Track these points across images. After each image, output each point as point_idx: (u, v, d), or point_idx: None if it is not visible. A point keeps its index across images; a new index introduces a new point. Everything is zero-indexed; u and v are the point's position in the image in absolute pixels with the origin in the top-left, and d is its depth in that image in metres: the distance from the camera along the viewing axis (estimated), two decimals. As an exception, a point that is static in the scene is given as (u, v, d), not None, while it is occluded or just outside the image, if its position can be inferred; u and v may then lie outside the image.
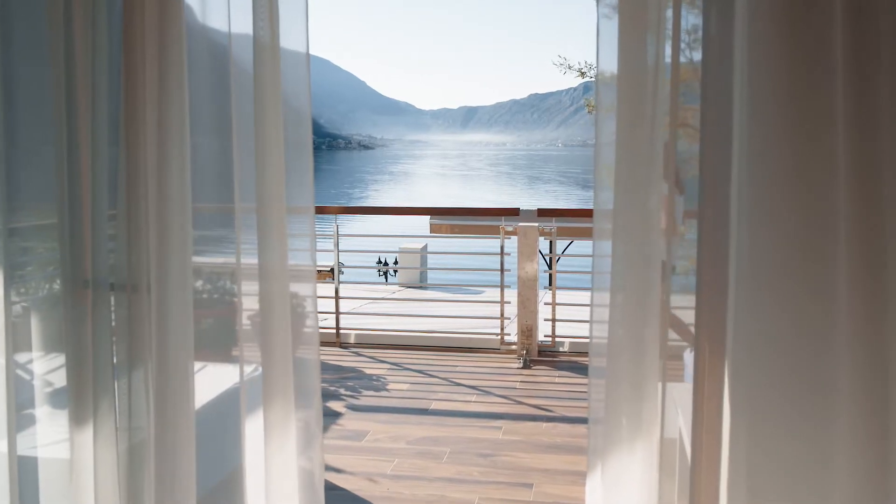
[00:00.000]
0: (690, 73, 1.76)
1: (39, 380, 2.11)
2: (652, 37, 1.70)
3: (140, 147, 1.80)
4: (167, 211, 1.83)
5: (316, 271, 2.06)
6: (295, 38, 1.78)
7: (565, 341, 6.27)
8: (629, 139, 1.67)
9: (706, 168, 1.65)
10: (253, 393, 2.00)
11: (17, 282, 2.13)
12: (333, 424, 4.57)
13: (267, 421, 1.93)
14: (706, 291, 1.70)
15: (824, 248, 1.53)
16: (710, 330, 1.72)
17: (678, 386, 1.95)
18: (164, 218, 1.84)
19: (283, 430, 1.94)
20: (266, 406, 1.93)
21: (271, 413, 1.94)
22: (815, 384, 1.59)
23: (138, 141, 1.79)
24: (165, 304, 1.86)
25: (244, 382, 2.00)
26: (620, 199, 1.71)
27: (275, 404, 1.95)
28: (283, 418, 1.95)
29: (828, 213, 1.52)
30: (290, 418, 1.96)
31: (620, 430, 1.86)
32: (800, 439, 1.61)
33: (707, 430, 1.77)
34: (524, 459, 4.02)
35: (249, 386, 1.96)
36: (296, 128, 1.83)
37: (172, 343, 1.87)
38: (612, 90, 1.74)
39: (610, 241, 1.76)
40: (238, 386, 2.02)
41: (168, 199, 1.82)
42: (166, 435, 1.86)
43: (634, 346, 1.80)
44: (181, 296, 1.87)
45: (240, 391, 1.95)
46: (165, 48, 1.76)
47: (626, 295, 1.79)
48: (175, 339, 1.87)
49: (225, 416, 2.03)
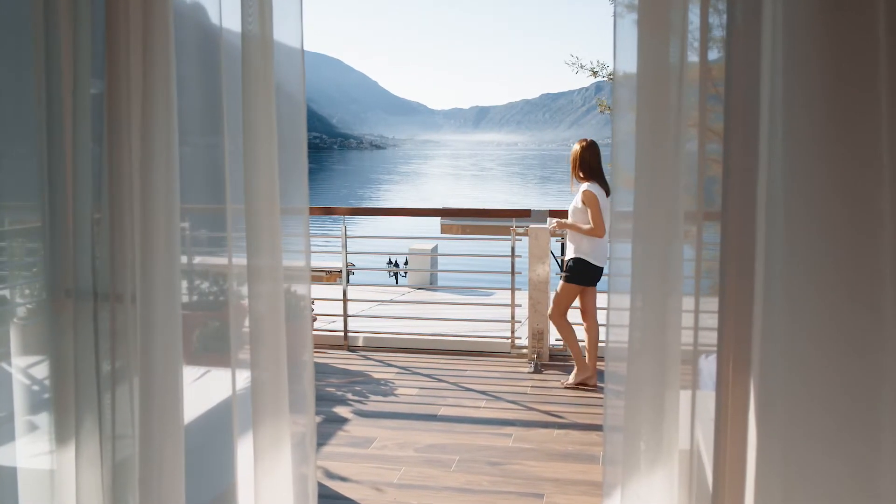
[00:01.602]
0: (714, 70, 1.65)
1: (23, 389, 2.01)
2: (675, 32, 1.59)
3: (124, 145, 1.68)
4: (151, 213, 1.71)
5: (310, 272, 1.95)
6: (288, 29, 1.67)
7: (577, 345, 6.15)
8: (650, 139, 1.57)
9: (730, 168, 1.54)
10: (247, 403, 1.90)
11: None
12: (340, 430, 4.48)
13: (258, 434, 1.82)
14: (730, 295, 1.59)
15: (868, 255, 1.41)
16: (735, 336, 1.62)
17: (697, 394, 1.85)
18: (148, 221, 1.72)
19: (275, 445, 1.83)
20: (256, 418, 1.82)
21: (262, 426, 1.83)
22: (860, 398, 1.46)
23: (122, 139, 1.67)
24: (151, 315, 1.74)
25: (239, 392, 1.89)
26: (641, 200, 1.60)
27: (267, 414, 1.85)
28: (276, 432, 1.85)
29: (871, 219, 1.40)
30: (283, 430, 1.85)
31: (639, 439, 1.77)
32: (842, 459, 1.49)
33: (732, 443, 1.66)
34: (535, 468, 3.92)
35: (243, 397, 1.85)
36: (290, 125, 1.72)
37: (159, 356, 1.76)
38: (630, 88, 1.65)
39: (629, 243, 1.66)
40: (235, 394, 1.92)
41: (152, 201, 1.70)
42: (152, 453, 1.75)
43: (655, 351, 1.71)
44: (168, 305, 1.75)
45: (233, 402, 1.84)
46: (150, 38, 1.64)
47: (645, 298, 1.69)
48: (162, 352, 1.76)
49: (217, 430, 1.92)
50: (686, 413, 1.78)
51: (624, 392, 1.78)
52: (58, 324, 1.80)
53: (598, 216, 5.13)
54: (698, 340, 1.69)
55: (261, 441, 1.84)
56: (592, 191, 5.18)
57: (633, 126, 1.62)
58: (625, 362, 1.77)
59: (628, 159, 1.63)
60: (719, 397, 1.67)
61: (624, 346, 1.77)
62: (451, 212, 5.57)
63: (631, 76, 1.65)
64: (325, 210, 7.77)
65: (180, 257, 1.75)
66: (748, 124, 1.51)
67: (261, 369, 1.88)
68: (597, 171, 5.28)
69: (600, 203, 5.15)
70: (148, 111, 1.63)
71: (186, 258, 2.51)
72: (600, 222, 5.13)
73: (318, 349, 6.28)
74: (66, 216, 1.77)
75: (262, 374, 1.88)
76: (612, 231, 1.73)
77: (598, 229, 5.13)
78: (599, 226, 5.13)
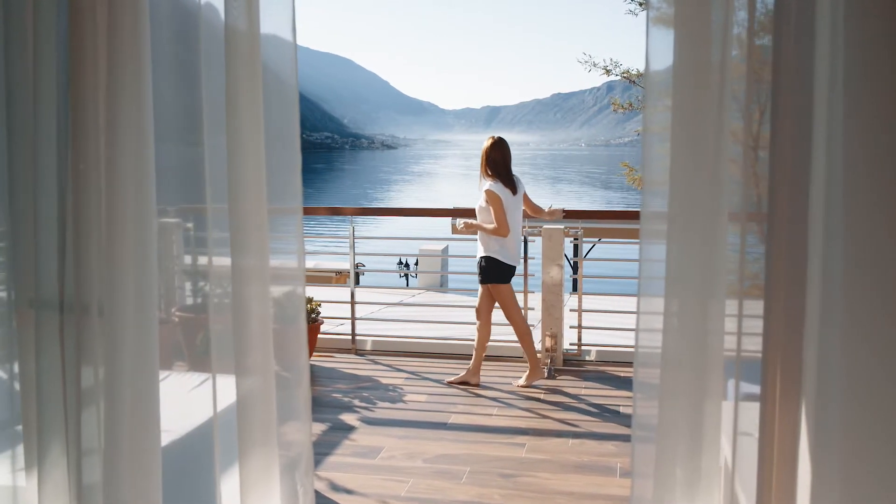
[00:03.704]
0: (755, 59, 1.48)
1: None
2: (718, 22, 1.42)
3: (90, 138, 1.49)
4: (118, 216, 1.52)
5: (305, 273, 1.77)
6: (277, 10, 1.48)
7: (592, 350, 5.97)
8: (687, 136, 1.39)
9: (778, 166, 1.36)
10: (232, 421, 1.73)
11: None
12: (346, 439, 4.32)
13: (244, 458, 1.64)
14: (777, 303, 1.43)
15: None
16: (784, 346, 1.46)
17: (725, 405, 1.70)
18: (115, 224, 1.53)
19: (264, 471, 1.66)
20: (242, 435, 1.64)
21: (250, 446, 1.65)
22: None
23: (87, 132, 1.49)
24: (118, 328, 1.55)
25: (228, 408, 1.72)
26: (677, 200, 1.43)
27: (253, 427, 1.68)
28: (265, 452, 1.67)
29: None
30: (272, 452, 1.68)
31: (675, 452, 1.61)
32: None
33: (780, 468, 1.50)
34: (549, 481, 3.74)
35: (227, 414, 1.68)
36: (280, 114, 1.53)
37: (127, 372, 1.56)
38: (665, 83, 1.49)
39: (661, 244, 1.50)
40: (228, 405, 1.75)
41: (120, 202, 1.50)
42: (121, 485, 1.56)
43: (694, 358, 1.57)
44: (140, 319, 1.56)
45: (214, 424, 1.67)
46: (118, 14, 1.44)
47: (683, 302, 1.55)
48: (131, 368, 1.56)
49: (199, 451, 1.75)
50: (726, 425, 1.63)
51: (657, 401, 1.63)
52: (20, 336, 1.62)
53: (501, 215, 5.07)
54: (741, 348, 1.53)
55: (248, 466, 1.66)
56: (495, 190, 5.11)
57: (666, 123, 1.46)
58: (657, 369, 1.63)
59: (661, 158, 1.47)
60: (765, 411, 1.53)
61: (656, 352, 1.63)
62: (463, 212, 5.44)
63: (666, 71, 1.50)
64: (332, 210, 7.63)
65: (155, 264, 1.57)
66: (799, 116, 1.33)
67: (241, 376, 1.71)
68: (503, 170, 5.20)
69: (503, 202, 5.08)
70: (114, 98, 1.45)
71: (191, 259, 2.34)
72: (503, 222, 5.08)
73: (324, 353, 6.12)
74: (28, 220, 1.59)
75: (241, 382, 1.71)
76: (643, 231, 1.57)
77: (501, 228, 5.08)
78: (503, 225, 5.08)
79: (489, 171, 5.19)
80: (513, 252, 5.22)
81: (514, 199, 5.21)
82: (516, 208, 5.23)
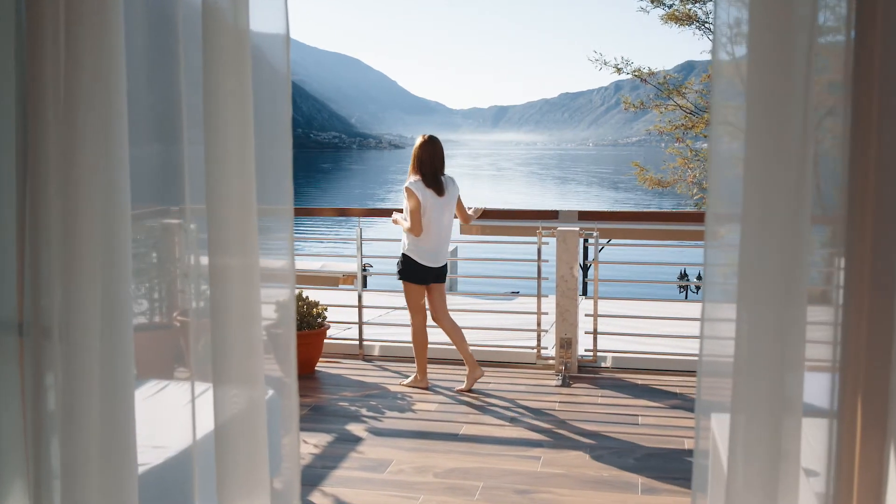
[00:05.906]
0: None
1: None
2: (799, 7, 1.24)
3: (49, 130, 1.28)
4: (82, 220, 1.30)
5: (294, 273, 1.58)
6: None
7: (608, 356, 5.77)
8: (765, 132, 1.21)
9: (859, 162, 1.17)
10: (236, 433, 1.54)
11: None
12: (353, 452, 4.13)
13: (223, 485, 1.45)
14: (858, 310, 1.25)
15: None
16: (866, 358, 1.32)
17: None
18: (77, 229, 1.30)
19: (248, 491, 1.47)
20: (220, 458, 1.44)
21: (231, 472, 1.46)
22: None
23: (45, 124, 1.27)
24: (82, 352, 1.33)
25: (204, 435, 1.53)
26: (751, 200, 1.25)
27: (238, 447, 1.49)
28: (251, 477, 1.48)
29: None
30: (260, 469, 1.48)
31: (751, 468, 1.45)
32: None
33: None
34: (566, 497, 3.55)
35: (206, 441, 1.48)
36: (270, 103, 1.34)
37: (87, 413, 1.34)
38: (738, 74, 1.31)
39: (730, 249, 1.34)
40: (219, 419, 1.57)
41: (82, 207, 1.28)
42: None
43: (771, 369, 1.40)
44: (109, 336, 1.35)
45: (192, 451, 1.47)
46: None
47: (759, 309, 1.39)
48: (99, 407, 1.35)
49: (204, 468, 1.56)
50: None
51: (728, 413, 1.47)
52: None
53: (415, 214, 5.03)
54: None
55: (227, 492, 1.47)
56: (412, 188, 5.05)
57: (736, 118, 1.28)
58: (725, 378, 1.48)
59: (731, 155, 1.28)
60: (842, 426, 1.41)
61: (724, 361, 1.49)
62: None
63: (740, 60, 1.33)
64: (339, 211, 7.45)
65: (128, 273, 1.36)
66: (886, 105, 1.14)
67: (219, 387, 1.52)
68: (428, 169, 5.10)
69: (420, 201, 5.00)
70: (74, 79, 1.23)
71: (193, 258, 2.18)
72: (416, 221, 5.03)
73: (331, 359, 5.93)
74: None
75: (219, 393, 1.52)
76: (708, 234, 1.42)
77: (413, 227, 5.05)
78: (415, 225, 5.04)
79: (416, 169, 5.13)
80: (429, 253, 5.14)
81: (440, 201, 5.11)
82: (442, 211, 5.12)
